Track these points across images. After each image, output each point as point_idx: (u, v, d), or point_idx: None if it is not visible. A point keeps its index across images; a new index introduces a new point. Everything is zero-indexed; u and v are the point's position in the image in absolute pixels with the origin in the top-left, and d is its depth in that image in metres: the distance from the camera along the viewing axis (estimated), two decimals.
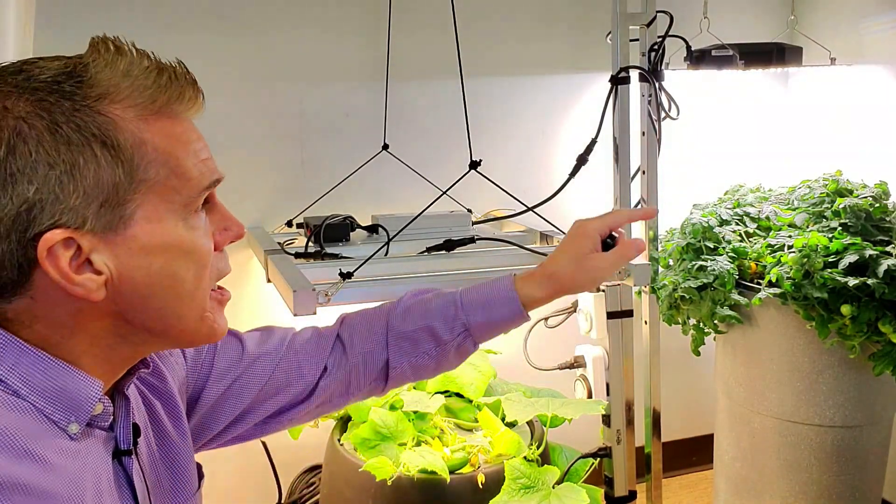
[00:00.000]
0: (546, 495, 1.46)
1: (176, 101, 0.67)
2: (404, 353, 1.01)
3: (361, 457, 1.55)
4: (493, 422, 1.62)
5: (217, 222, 0.74)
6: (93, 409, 0.68)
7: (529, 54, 2.03)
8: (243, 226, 0.76)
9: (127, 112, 0.65)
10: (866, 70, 2.05)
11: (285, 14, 1.82)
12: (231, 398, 0.93)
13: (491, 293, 1.01)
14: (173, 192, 0.67)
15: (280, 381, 0.96)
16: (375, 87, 1.86)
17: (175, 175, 0.67)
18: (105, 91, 0.64)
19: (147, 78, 0.65)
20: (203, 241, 0.70)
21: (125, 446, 0.72)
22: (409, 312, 1.02)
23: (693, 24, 1.97)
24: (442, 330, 1.00)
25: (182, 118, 0.69)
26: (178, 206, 0.68)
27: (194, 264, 0.69)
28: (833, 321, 1.57)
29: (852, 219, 1.65)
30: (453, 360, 1.04)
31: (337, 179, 1.82)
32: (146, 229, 0.66)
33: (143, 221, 0.66)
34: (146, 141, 0.65)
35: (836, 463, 1.73)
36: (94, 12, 1.68)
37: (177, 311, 0.70)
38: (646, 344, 1.85)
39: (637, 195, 1.81)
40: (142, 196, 0.65)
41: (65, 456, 0.64)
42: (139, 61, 0.66)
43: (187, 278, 0.69)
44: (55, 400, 0.65)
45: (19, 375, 0.64)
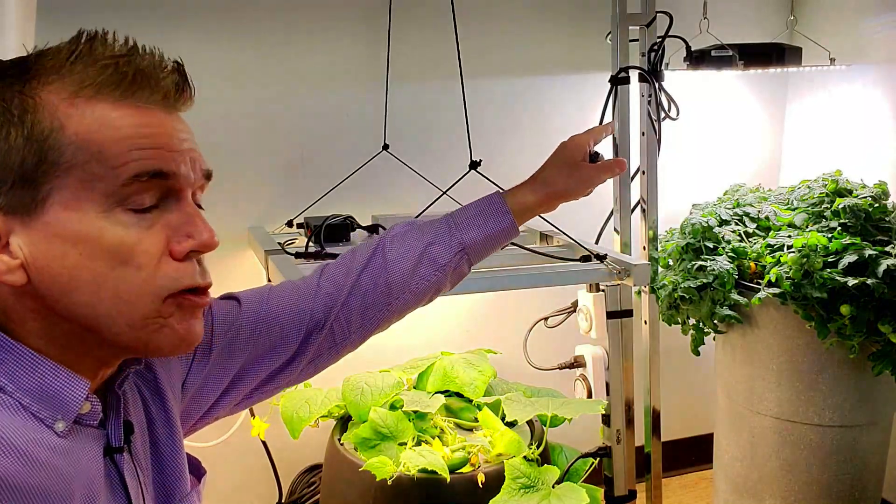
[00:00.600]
0: (546, 495, 1.46)
1: (121, 87, 0.65)
2: (402, 277, 0.97)
3: (361, 456, 1.55)
4: (493, 421, 1.62)
5: (179, 226, 0.67)
6: (79, 409, 0.67)
7: (529, 54, 2.03)
8: (213, 235, 0.68)
9: (57, 95, 0.64)
10: (866, 70, 2.05)
11: (286, 14, 1.82)
12: (219, 366, 0.90)
13: (483, 208, 1.01)
14: (94, 179, 0.63)
15: (265, 343, 0.91)
16: (375, 87, 1.87)
17: (96, 161, 0.63)
18: (37, 73, 0.64)
19: (90, 64, 0.64)
20: (129, 239, 0.64)
21: (117, 444, 0.71)
22: (405, 238, 0.99)
23: (693, 25, 1.97)
24: (440, 252, 0.98)
25: (134, 106, 0.65)
26: (98, 195, 0.63)
27: (121, 264, 0.64)
28: (832, 321, 1.57)
29: (852, 219, 1.66)
30: (449, 285, 1.02)
31: (337, 179, 1.82)
32: (61, 216, 0.63)
33: (58, 207, 0.63)
34: (67, 124, 0.63)
35: (835, 463, 1.73)
36: (96, 13, 1.68)
37: (102, 313, 0.65)
38: (646, 344, 1.85)
39: (637, 195, 1.82)
40: (59, 181, 0.63)
41: (53, 453, 0.64)
42: (96, 48, 0.65)
43: (108, 277, 0.64)
44: (40, 398, 0.65)
45: (5, 372, 0.64)
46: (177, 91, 0.68)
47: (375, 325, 0.99)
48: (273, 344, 0.92)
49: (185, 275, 0.67)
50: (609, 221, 1.83)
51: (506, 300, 2.08)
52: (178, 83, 0.68)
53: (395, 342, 1.96)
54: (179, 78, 0.68)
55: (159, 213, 0.66)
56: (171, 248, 0.66)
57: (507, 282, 1.45)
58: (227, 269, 1.84)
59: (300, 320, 0.94)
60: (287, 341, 0.93)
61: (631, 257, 1.60)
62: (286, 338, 0.93)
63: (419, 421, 1.65)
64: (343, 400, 1.67)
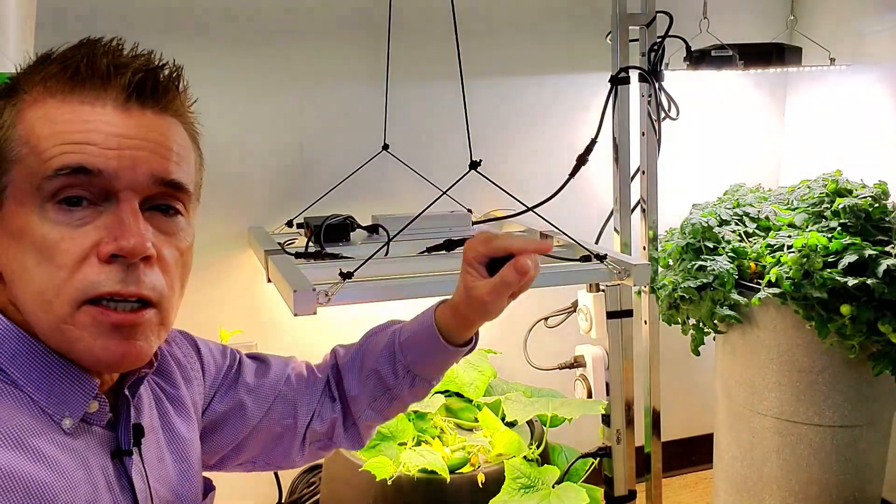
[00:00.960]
0: (546, 495, 1.46)
1: (70, 84, 0.65)
2: (363, 398, 0.97)
3: (361, 456, 1.55)
4: (493, 421, 1.62)
5: (110, 228, 0.64)
6: (87, 407, 0.67)
7: (529, 54, 2.03)
8: (143, 242, 0.64)
9: (31, 94, 0.65)
10: (866, 70, 2.05)
11: (286, 15, 1.82)
12: (231, 423, 0.92)
13: (418, 329, 0.93)
14: (31, 173, 0.63)
15: (276, 414, 0.95)
16: (375, 87, 1.87)
17: (33, 154, 0.63)
18: (26, 80, 0.66)
19: (55, 65, 0.65)
20: (56, 238, 0.63)
21: (126, 446, 0.71)
22: (359, 357, 0.99)
23: (693, 25, 1.97)
24: (388, 375, 0.95)
25: (80, 102, 0.64)
26: (33, 188, 0.63)
27: (44, 260, 0.63)
28: (832, 321, 1.57)
29: (852, 219, 1.66)
30: (411, 399, 0.98)
31: (337, 179, 1.82)
32: (11, 211, 0.64)
33: (10, 202, 0.64)
34: (23, 120, 0.65)
35: (835, 463, 1.73)
36: (97, 13, 1.68)
37: (31, 310, 0.64)
38: (646, 344, 1.85)
39: (637, 195, 1.82)
40: (9, 176, 0.64)
41: (58, 449, 0.64)
42: (74, 50, 0.66)
43: (34, 273, 0.63)
44: (50, 394, 0.65)
45: (18, 365, 0.65)
46: (138, 90, 0.65)
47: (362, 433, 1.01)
48: (283, 416, 0.95)
49: (106, 279, 0.63)
50: (609, 221, 1.83)
51: None
52: (140, 82, 0.65)
53: None
54: (146, 76, 0.66)
55: (94, 214, 0.64)
56: (99, 249, 0.63)
57: None
58: (227, 269, 1.84)
59: (308, 407, 0.97)
60: (295, 418, 0.96)
61: (631, 257, 1.60)
62: (296, 414, 0.96)
63: (419, 421, 1.65)
64: None
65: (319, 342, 1.92)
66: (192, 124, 0.73)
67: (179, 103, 0.70)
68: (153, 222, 0.67)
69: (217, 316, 1.83)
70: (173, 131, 0.69)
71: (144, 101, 0.66)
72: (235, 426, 0.92)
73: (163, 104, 0.68)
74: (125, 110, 0.65)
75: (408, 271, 1.44)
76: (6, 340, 0.65)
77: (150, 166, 0.65)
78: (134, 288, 0.64)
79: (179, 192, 0.68)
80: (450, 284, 1.38)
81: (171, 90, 0.68)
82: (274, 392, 0.95)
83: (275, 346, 1.89)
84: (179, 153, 0.68)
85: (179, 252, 0.69)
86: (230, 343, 1.83)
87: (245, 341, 1.86)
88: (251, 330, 1.87)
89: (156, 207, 0.67)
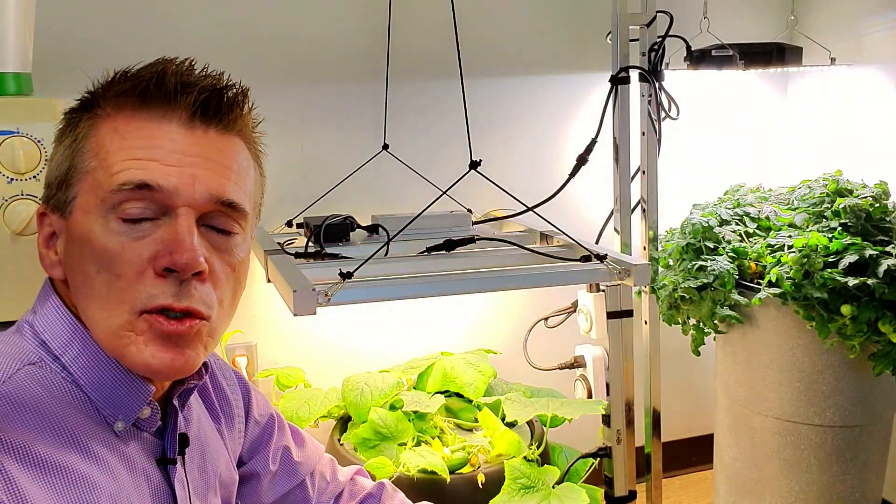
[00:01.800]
0: (546, 495, 1.46)
1: (140, 100, 0.68)
2: None
3: (361, 457, 1.55)
4: (493, 422, 1.62)
5: (167, 242, 0.66)
6: (140, 412, 0.70)
7: (529, 54, 2.03)
8: (196, 258, 0.66)
9: (104, 109, 0.69)
10: (866, 70, 2.05)
11: (285, 13, 1.82)
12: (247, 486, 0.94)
13: None
14: (97, 184, 0.67)
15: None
16: (375, 87, 1.86)
17: (101, 167, 0.67)
18: (101, 89, 0.70)
19: (129, 81, 0.69)
20: (116, 248, 0.65)
21: (171, 454, 0.74)
22: None
23: (693, 24, 1.97)
24: None
25: (148, 119, 0.67)
26: (99, 200, 0.66)
27: (104, 269, 0.66)
28: (833, 321, 1.57)
29: (852, 219, 1.65)
30: None
31: (337, 179, 1.82)
32: (78, 219, 0.68)
33: (78, 210, 0.68)
34: (95, 133, 0.68)
35: (836, 463, 1.73)
36: (97, 12, 1.68)
37: (91, 314, 0.67)
38: (646, 344, 1.85)
39: (637, 195, 1.82)
40: (81, 185, 0.68)
41: (108, 450, 0.67)
42: (147, 68, 0.69)
43: (97, 281, 0.66)
44: (107, 396, 0.68)
45: (81, 366, 0.68)
46: (202, 109, 0.68)
47: None
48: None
49: (160, 292, 0.66)
50: (609, 221, 1.83)
51: (506, 300, 2.08)
52: (204, 101, 0.68)
53: (395, 342, 1.96)
54: (212, 96, 0.69)
55: (153, 227, 0.67)
56: (154, 263, 0.66)
57: (507, 282, 1.45)
58: None
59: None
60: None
61: (631, 257, 1.60)
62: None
63: (419, 421, 1.65)
64: (343, 400, 1.67)
65: (319, 342, 1.93)
66: (256, 144, 0.76)
67: (244, 123, 0.73)
68: (208, 238, 0.69)
69: None
70: (235, 151, 0.71)
71: (209, 119, 0.69)
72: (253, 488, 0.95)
73: (226, 123, 0.71)
74: (189, 128, 0.68)
75: (408, 271, 1.44)
76: (73, 341, 0.68)
77: (207, 185, 0.68)
78: (186, 302, 0.67)
79: (235, 211, 0.71)
80: (450, 284, 1.39)
81: (236, 110, 0.71)
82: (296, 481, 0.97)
83: (275, 346, 1.89)
84: (239, 173, 0.71)
85: (231, 268, 0.71)
86: (229, 343, 1.85)
87: (245, 341, 1.86)
88: (251, 330, 1.87)
89: (212, 226, 0.70)
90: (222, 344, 1.82)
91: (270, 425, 0.96)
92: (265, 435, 0.95)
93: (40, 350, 0.67)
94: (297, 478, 0.96)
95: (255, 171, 0.75)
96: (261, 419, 0.95)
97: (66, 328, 0.68)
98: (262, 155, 0.77)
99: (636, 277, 1.42)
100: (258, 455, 0.94)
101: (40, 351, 0.67)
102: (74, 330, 0.68)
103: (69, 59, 1.59)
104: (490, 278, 1.43)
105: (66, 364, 0.67)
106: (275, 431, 0.96)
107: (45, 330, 0.68)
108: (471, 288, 1.51)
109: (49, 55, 1.48)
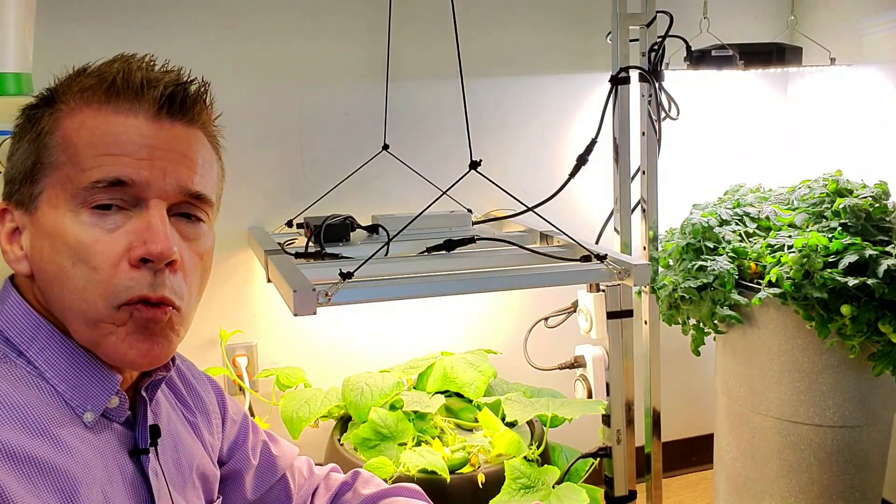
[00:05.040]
0: (546, 495, 1.46)
1: (105, 94, 0.69)
2: None
3: (361, 457, 1.55)
4: (494, 422, 1.62)
5: (139, 233, 0.67)
6: (108, 401, 0.70)
7: (530, 54, 2.03)
8: (170, 247, 0.68)
9: (68, 104, 0.70)
10: (866, 70, 2.05)
11: (285, 14, 1.82)
12: (230, 484, 0.94)
13: None
14: (67, 180, 0.68)
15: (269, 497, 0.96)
16: (375, 87, 1.86)
17: (71, 163, 0.68)
18: (64, 90, 0.71)
19: (92, 77, 0.70)
20: (90, 241, 0.66)
21: (143, 445, 0.74)
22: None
23: (693, 25, 1.97)
24: None
25: (115, 112, 0.69)
26: (69, 195, 0.67)
27: (80, 262, 0.67)
28: (833, 321, 1.57)
29: (852, 219, 1.65)
30: None
31: (337, 179, 1.82)
32: (46, 212, 0.69)
33: (45, 204, 0.69)
34: (60, 128, 0.69)
35: (836, 463, 1.73)
36: (97, 12, 1.68)
37: (67, 307, 0.68)
38: (646, 344, 1.85)
39: (637, 195, 1.82)
40: (47, 180, 0.69)
41: (79, 440, 0.67)
42: (109, 64, 0.70)
43: (72, 274, 0.67)
44: (74, 386, 0.69)
45: (46, 359, 0.68)
46: (169, 104, 0.69)
47: None
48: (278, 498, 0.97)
49: (136, 284, 0.67)
50: (609, 221, 1.83)
51: (506, 300, 2.08)
52: (171, 96, 0.69)
53: (395, 342, 1.96)
54: (176, 91, 0.70)
55: (124, 219, 0.68)
56: (129, 253, 0.67)
57: (507, 282, 1.45)
58: (227, 270, 1.84)
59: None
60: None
61: (631, 257, 1.60)
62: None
63: (419, 421, 1.65)
64: (343, 400, 1.67)
65: (319, 342, 1.93)
66: (216, 137, 0.78)
67: (206, 117, 0.75)
68: (177, 227, 0.71)
69: (217, 316, 1.83)
70: (200, 144, 0.73)
71: (174, 114, 0.70)
72: (236, 485, 0.95)
73: (190, 117, 0.72)
74: (156, 122, 0.69)
75: (408, 271, 1.44)
76: (37, 335, 0.69)
77: (177, 177, 0.70)
78: (160, 292, 0.68)
79: (202, 202, 0.73)
80: (450, 284, 1.39)
81: (199, 104, 0.73)
82: (273, 478, 0.97)
83: (275, 346, 1.89)
84: (204, 165, 0.73)
85: (199, 257, 0.73)
86: (229, 343, 1.85)
87: (245, 341, 1.86)
88: (251, 330, 1.87)
89: (180, 214, 0.72)
90: (222, 344, 1.82)
91: (245, 424, 0.97)
92: (242, 432, 0.95)
93: (3, 346, 0.68)
94: (278, 472, 0.97)
95: (217, 163, 0.77)
96: (236, 417, 0.96)
97: (29, 323, 0.69)
98: (221, 148, 0.79)
99: (636, 277, 1.43)
100: (238, 452, 0.94)
101: (3, 347, 0.68)
102: (38, 324, 0.69)
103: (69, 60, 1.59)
104: (490, 278, 1.43)
105: (31, 358, 0.68)
106: (250, 429, 0.97)
107: (8, 326, 0.69)
108: (471, 288, 1.51)
109: (49, 55, 1.48)
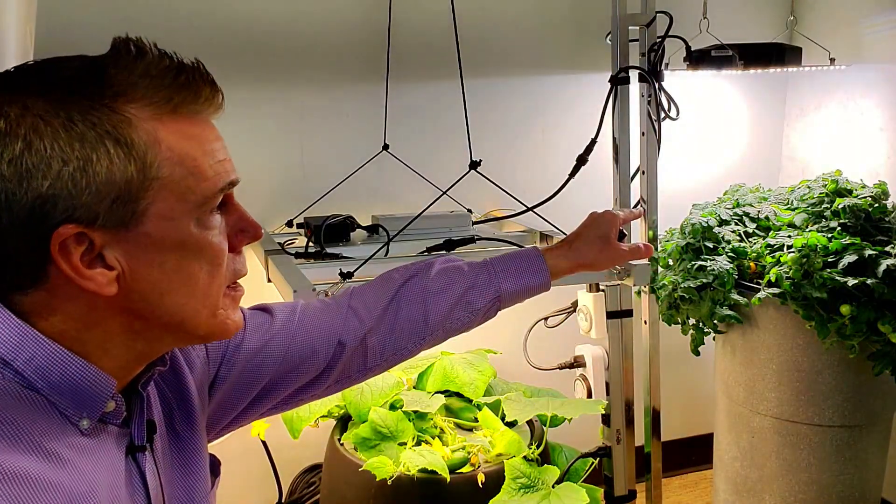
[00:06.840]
0: (546, 495, 1.46)
1: (192, 101, 0.68)
2: (440, 314, 1.02)
3: (361, 456, 1.55)
4: (494, 421, 1.62)
5: (234, 224, 0.74)
6: (104, 407, 0.69)
7: (529, 54, 2.03)
8: (260, 228, 0.77)
9: (142, 111, 0.65)
10: (866, 70, 2.05)
11: (285, 13, 1.82)
12: (248, 378, 0.93)
13: (522, 263, 1.06)
14: (188, 191, 0.68)
15: (294, 359, 0.95)
16: (375, 87, 1.87)
17: (191, 175, 0.68)
18: (121, 90, 0.65)
19: (164, 78, 0.66)
20: (216, 241, 0.71)
21: (139, 442, 0.73)
22: (448, 276, 1.04)
23: (692, 25, 1.97)
24: (477, 297, 1.03)
25: (199, 118, 0.70)
26: (192, 205, 0.68)
27: (207, 263, 0.70)
28: (832, 321, 1.57)
29: (851, 219, 1.66)
30: (477, 323, 1.08)
31: (337, 179, 1.82)
32: (160, 226, 0.67)
33: (156, 219, 0.66)
34: (160, 140, 0.66)
35: (835, 463, 1.73)
36: (97, 11, 1.68)
37: (190, 308, 0.70)
38: (646, 344, 1.85)
39: (637, 195, 1.82)
40: (155, 193, 0.66)
41: (77, 452, 0.65)
42: (158, 61, 0.67)
43: (200, 276, 0.70)
44: (68, 395, 0.67)
45: (35, 368, 0.66)
46: (215, 99, 0.71)
47: (405, 355, 1.04)
48: (303, 359, 0.96)
49: (242, 266, 0.76)
50: None
51: None
52: (213, 90, 0.71)
53: None
54: (219, 92, 0.72)
55: (222, 216, 0.73)
56: (231, 242, 0.73)
57: None
58: None
59: (330, 339, 0.97)
60: (316, 358, 0.96)
61: None
62: (315, 354, 0.96)
63: (419, 421, 1.66)
64: (343, 400, 1.67)
65: None
66: None
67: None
68: None
69: None
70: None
71: (220, 108, 0.74)
72: (249, 383, 0.93)
73: (222, 109, 0.74)
74: (212, 118, 0.73)
75: None
76: (23, 345, 0.66)
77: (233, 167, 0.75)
78: (246, 267, 0.77)
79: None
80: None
81: (222, 93, 0.74)
82: (287, 336, 0.96)
83: None
84: None
85: None
86: None
87: None
88: None
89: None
90: None
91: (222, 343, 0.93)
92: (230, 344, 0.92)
93: None
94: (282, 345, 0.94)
95: None
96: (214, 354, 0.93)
97: (13, 333, 0.66)
98: None
99: (636, 277, 1.43)
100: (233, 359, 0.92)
101: None
102: (23, 333, 0.66)
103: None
104: None
105: (19, 369, 0.65)
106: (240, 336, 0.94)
107: None
108: None
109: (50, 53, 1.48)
